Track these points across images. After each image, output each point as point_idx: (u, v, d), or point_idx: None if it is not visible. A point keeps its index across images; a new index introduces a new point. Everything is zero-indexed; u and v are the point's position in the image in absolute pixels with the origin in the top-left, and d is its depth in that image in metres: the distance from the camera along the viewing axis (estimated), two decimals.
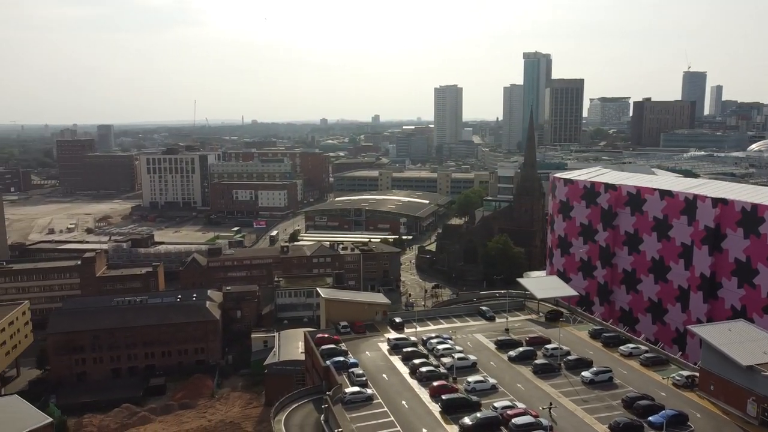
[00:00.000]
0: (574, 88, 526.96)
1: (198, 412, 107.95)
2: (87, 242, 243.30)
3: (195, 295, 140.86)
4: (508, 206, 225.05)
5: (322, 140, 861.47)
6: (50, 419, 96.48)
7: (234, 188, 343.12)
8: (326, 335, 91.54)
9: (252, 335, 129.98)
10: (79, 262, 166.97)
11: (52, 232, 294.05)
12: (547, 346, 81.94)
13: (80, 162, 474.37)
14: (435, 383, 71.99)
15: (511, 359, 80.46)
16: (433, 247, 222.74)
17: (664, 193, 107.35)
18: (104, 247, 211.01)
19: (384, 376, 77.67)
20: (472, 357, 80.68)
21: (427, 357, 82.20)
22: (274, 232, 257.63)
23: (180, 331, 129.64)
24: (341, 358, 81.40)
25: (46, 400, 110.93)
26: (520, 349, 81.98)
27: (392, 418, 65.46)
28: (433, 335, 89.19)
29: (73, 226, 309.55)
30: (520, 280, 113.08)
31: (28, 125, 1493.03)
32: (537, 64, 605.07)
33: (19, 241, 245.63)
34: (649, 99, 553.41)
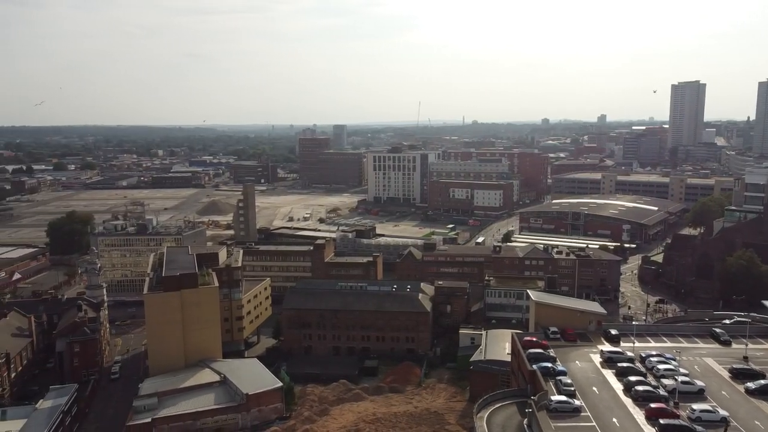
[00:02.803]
0: None
1: (405, 398, 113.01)
2: (319, 230, 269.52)
3: (409, 286, 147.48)
4: (756, 218, 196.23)
5: (542, 140, 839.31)
6: (280, 384, 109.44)
7: (451, 186, 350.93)
8: (534, 339, 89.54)
9: (460, 331, 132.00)
10: (311, 248, 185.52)
11: (291, 219, 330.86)
12: None
13: (317, 158, 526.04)
14: (652, 405, 66.17)
15: (750, 392, 70.46)
16: (659, 258, 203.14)
17: None
18: (333, 235, 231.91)
19: (594, 389, 73.49)
20: (699, 383, 72.40)
21: (644, 375, 75.84)
22: (479, 239, 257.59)
23: (394, 319, 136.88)
24: (549, 364, 78.99)
25: (278, 366, 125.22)
26: (762, 381, 71.31)
27: None
28: (654, 353, 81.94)
29: (308, 215, 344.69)
30: (766, 303, 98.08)
31: (277, 125, 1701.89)
32: None
33: (265, 226, 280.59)
34: None
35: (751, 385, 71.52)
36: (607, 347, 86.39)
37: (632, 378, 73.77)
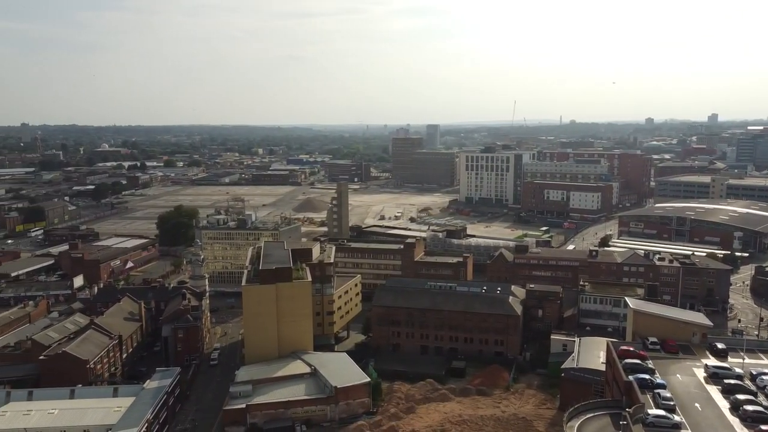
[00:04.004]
0: None
1: (493, 401, 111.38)
2: (409, 229, 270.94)
3: (499, 288, 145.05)
4: None
5: (645, 141, 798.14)
6: (368, 379, 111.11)
7: (546, 188, 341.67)
8: (631, 349, 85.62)
9: (552, 336, 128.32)
10: (402, 247, 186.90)
11: (382, 218, 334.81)
12: None
13: (409, 158, 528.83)
14: (763, 427, 61.38)
15: None
16: None
17: None
18: (423, 235, 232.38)
19: (696, 405, 69.15)
20: None
21: (755, 394, 70.49)
22: (570, 247, 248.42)
23: (482, 321, 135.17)
24: (646, 376, 75.27)
25: (366, 362, 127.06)
26: None
27: None
28: (767, 371, 75.79)
29: (399, 214, 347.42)
30: None
31: (372, 125, 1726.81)
32: None
33: (357, 224, 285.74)
34: None
35: None
36: (712, 361, 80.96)
37: (741, 396, 68.70)
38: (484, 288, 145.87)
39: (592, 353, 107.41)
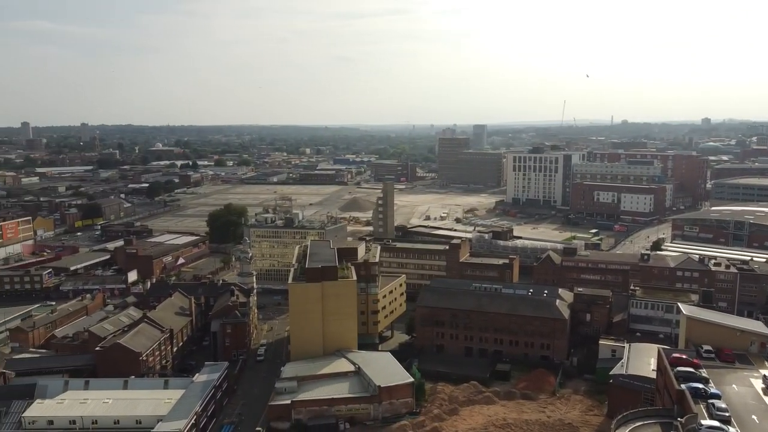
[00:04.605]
0: None
1: (538, 406, 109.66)
2: (455, 230, 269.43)
3: (546, 291, 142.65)
4: None
5: (701, 142, 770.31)
6: (412, 379, 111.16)
7: (596, 189, 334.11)
8: (684, 356, 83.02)
9: (600, 341, 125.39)
10: (447, 247, 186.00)
11: (428, 218, 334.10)
12: None
13: (456, 158, 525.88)
14: None
15: None
16: None
17: None
18: (469, 236, 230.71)
19: (754, 417, 66.50)
20: None
21: None
22: (617, 249, 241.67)
23: (528, 324, 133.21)
24: (700, 386, 72.81)
25: (410, 362, 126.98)
26: None
27: None
28: None
29: (445, 214, 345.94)
30: None
31: (418, 125, 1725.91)
32: None
33: (402, 224, 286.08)
34: None
35: None
36: None
37: None
38: (531, 290, 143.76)
39: (643, 360, 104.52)
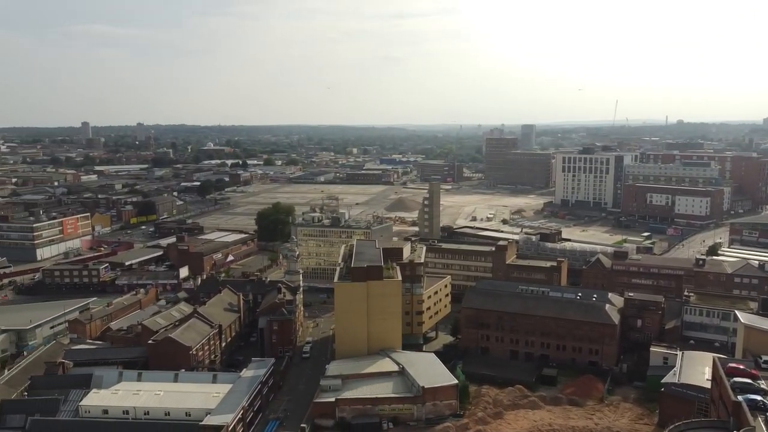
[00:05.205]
0: None
1: (585, 412, 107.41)
2: (501, 231, 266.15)
3: (595, 295, 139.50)
4: None
5: (762, 143, 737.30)
6: (456, 381, 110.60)
7: (649, 191, 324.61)
8: (741, 367, 79.92)
9: (651, 348, 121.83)
10: (493, 249, 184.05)
11: (474, 219, 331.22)
12: None
13: (503, 158, 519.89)
14: None
15: None
16: None
17: None
18: (516, 237, 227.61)
19: None
20: None
21: None
22: (671, 253, 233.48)
23: (576, 329, 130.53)
24: (758, 397, 70.01)
25: (454, 364, 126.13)
26: None
27: None
28: None
29: (491, 215, 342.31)
30: None
31: (465, 125, 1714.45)
32: None
33: (448, 225, 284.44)
34: None
35: None
36: None
37: None
38: (579, 294, 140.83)
39: (696, 369, 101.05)
